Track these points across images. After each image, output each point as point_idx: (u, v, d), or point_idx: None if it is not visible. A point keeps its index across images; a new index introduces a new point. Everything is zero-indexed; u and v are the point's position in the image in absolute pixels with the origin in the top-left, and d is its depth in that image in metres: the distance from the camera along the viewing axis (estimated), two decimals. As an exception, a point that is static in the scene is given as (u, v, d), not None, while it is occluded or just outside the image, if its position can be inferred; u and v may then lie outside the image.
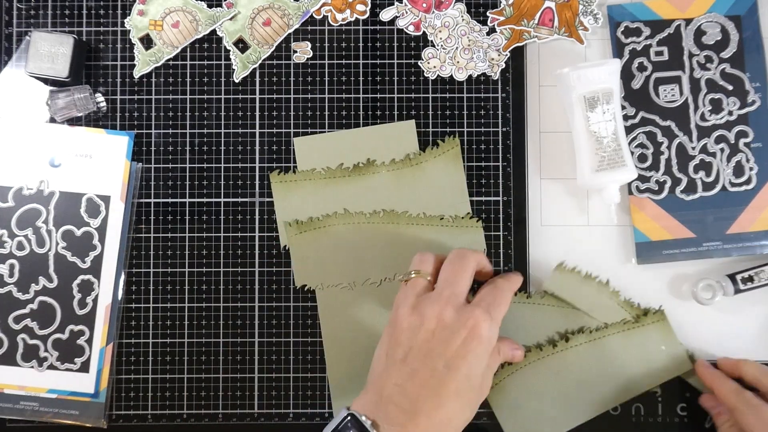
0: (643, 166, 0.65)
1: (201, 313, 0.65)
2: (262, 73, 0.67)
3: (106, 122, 0.66)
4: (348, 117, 0.66)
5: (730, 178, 0.64)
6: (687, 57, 0.65)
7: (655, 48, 0.65)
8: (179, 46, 0.66)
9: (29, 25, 0.66)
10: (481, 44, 0.66)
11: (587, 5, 0.66)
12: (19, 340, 0.64)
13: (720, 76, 0.65)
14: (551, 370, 0.63)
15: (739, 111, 0.64)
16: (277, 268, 0.66)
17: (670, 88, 0.64)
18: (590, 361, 0.63)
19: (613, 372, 0.63)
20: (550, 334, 0.64)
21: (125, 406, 0.65)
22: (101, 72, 0.66)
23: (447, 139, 0.66)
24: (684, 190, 0.64)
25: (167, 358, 0.65)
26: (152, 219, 0.66)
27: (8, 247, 0.64)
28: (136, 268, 0.65)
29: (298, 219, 0.65)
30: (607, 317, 0.64)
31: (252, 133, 0.66)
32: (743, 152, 0.64)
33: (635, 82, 0.65)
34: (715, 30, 0.64)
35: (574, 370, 0.63)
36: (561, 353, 0.63)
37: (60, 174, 0.64)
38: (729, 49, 0.65)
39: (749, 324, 0.65)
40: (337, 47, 0.67)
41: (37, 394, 0.64)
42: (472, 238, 0.65)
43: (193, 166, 0.66)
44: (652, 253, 0.65)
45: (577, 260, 0.65)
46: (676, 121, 0.65)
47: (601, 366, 0.63)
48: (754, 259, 0.65)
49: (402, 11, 0.66)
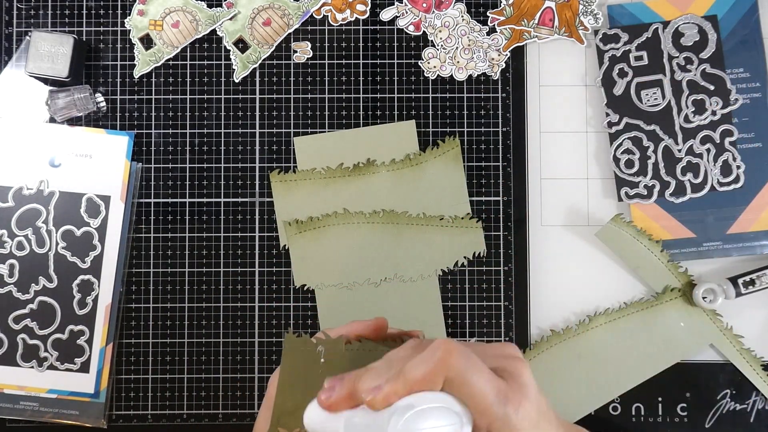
0: (631, 172, 0.65)
1: (201, 313, 0.65)
2: (262, 73, 0.66)
3: (106, 122, 0.66)
4: (348, 117, 0.66)
5: (718, 178, 0.64)
6: (667, 60, 0.65)
7: (635, 53, 0.65)
8: (179, 46, 0.66)
9: (29, 25, 0.66)
10: (481, 44, 0.66)
11: (587, 5, 0.66)
12: (19, 340, 0.64)
13: (701, 77, 0.65)
14: (573, 353, 0.64)
15: (722, 110, 0.64)
16: (277, 268, 0.66)
17: (653, 92, 0.64)
18: (611, 341, 0.64)
19: (635, 351, 0.64)
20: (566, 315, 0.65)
21: (125, 406, 0.65)
22: (101, 72, 0.66)
23: (447, 139, 0.66)
24: (673, 193, 0.64)
25: (167, 358, 0.65)
26: (152, 219, 0.66)
27: (8, 247, 0.64)
28: (136, 268, 0.65)
29: (297, 219, 0.65)
30: (652, 279, 0.64)
31: (252, 133, 0.66)
32: (729, 151, 0.64)
33: (617, 89, 0.65)
34: (693, 31, 0.64)
35: (595, 351, 0.64)
36: (582, 335, 0.64)
37: (60, 174, 0.64)
38: (708, 49, 0.65)
39: (751, 327, 0.65)
40: (337, 47, 0.67)
41: (37, 394, 0.64)
42: (471, 238, 0.65)
43: (193, 166, 0.66)
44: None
45: (577, 260, 0.65)
46: (660, 124, 0.65)
47: (623, 346, 0.64)
48: (755, 260, 0.65)
49: (402, 11, 0.66)
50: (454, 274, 0.65)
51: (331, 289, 0.65)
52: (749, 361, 0.64)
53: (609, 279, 0.65)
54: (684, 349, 0.64)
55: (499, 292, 0.65)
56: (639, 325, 0.64)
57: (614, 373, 0.64)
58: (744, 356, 0.64)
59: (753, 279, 0.63)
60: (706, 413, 0.64)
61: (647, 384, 0.64)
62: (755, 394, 0.64)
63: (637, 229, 0.64)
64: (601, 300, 0.65)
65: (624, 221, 0.64)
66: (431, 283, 0.65)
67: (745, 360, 0.64)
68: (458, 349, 0.35)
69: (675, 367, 0.64)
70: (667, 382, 0.64)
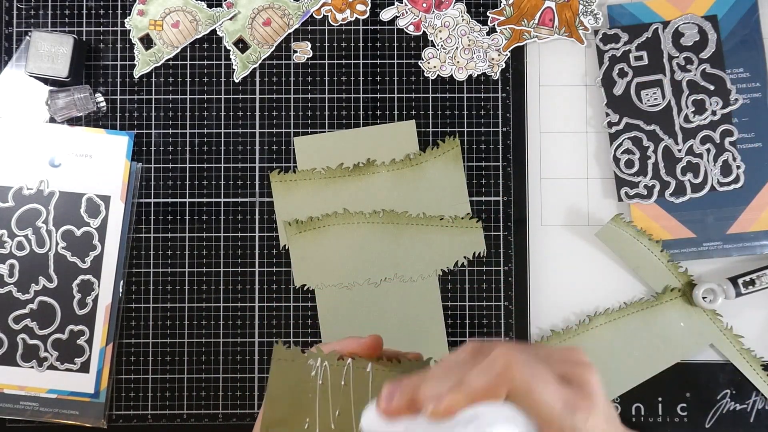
0: (631, 172, 0.65)
1: (201, 313, 0.65)
2: (262, 73, 0.66)
3: (106, 122, 0.66)
4: (348, 117, 0.66)
5: (718, 178, 0.64)
6: (667, 60, 0.65)
7: (635, 53, 0.65)
8: (179, 46, 0.66)
9: (29, 25, 0.66)
10: (481, 44, 0.66)
11: (587, 5, 0.66)
12: (19, 340, 0.64)
13: (701, 77, 0.65)
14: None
15: (722, 110, 0.64)
16: (277, 268, 0.66)
17: (653, 92, 0.64)
18: (611, 341, 0.64)
19: (635, 351, 0.64)
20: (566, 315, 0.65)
21: (125, 406, 0.65)
22: (101, 72, 0.66)
23: (447, 139, 0.66)
24: (673, 193, 0.64)
25: (167, 358, 0.65)
26: (152, 219, 0.66)
27: (8, 247, 0.64)
28: (136, 268, 0.65)
29: (297, 219, 0.65)
30: (652, 279, 0.64)
31: (252, 133, 0.66)
32: (729, 151, 0.64)
33: (617, 89, 0.65)
34: (693, 31, 0.64)
35: (595, 351, 0.64)
36: (582, 335, 0.64)
37: (60, 174, 0.64)
38: (708, 49, 0.65)
39: (751, 327, 0.65)
40: (337, 47, 0.67)
41: (37, 394, 0.64)
42: (471, 238, 0.65)
43: (193, 166, 0.66)
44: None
45: (577, 260, 0.65)
46: (661, 124, 0.65)
47: (623, 346, 0.64)
48: (755, 260, 0.65)
49: (402, 11, 0.66)
50: (454, 274, 0.65)
51: (331, 289, 0.65)
52: (749, 361, 0.64)
53: (609, 279, 0.65)
54: (684, 349, 0.64)
55: (499, 292, 0.65)
56: (639, 325, 0.64)
57: (614, 373, 0.64)
58: (744, 356, 0.64)
59: (753, 279, 0.63)
60: (706, 413, 0.64)
61: (647, 384, 0.64)
62: (755, 394, 0.64)
63: (637, 229, 0.64)
64: (601, 300, 0.65)
65: (624, 221, 0.64)
66: (431, 283, 0.65)
67: (745, 360, 0.64)
68: (520, 359, 0.33)
69: (675, 367, 0.64)
70: (667, 382, 0.64)
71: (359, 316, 0.64)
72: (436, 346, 0.64)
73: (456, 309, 0.65)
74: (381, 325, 0.64)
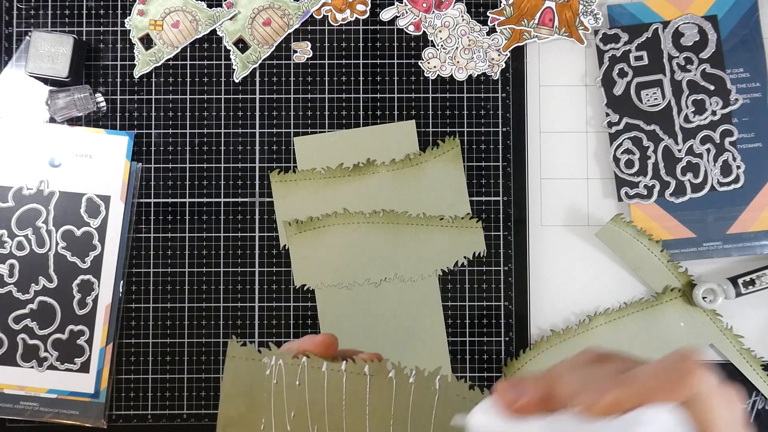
0: (631, 172, 0.65)
1: (201, 313, 0.65)
2: (262, 73, 0.66)
3: (106, 122, 0.66)
4: (348, 117, 0.66)
5: (718, 178, 0.64)
6: (667, 60, 0.65)
7: (635, 53, 0.65)
8: (179, 46, 0.66)
9: (29, 25, 0.66)
10: (481, 44, 0.66)
11: (587, 5, 0.66)
12: (19, 340, 0.64)
13: (701, 77, 0.65)
14: (573, 353, 0.63)
15: (722, 110, 0.64)
16: (277, 268, 0.66)
17: (653, 92, 0.64)
18: (611, 341, 0.64)
19: (635, 351, 0.64)
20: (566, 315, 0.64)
21: (125, 406, 0.65)
22: (101, 72, 0.66)
23: (447, 139, 0.66)
24: (673, 193, 0.64)
25: (167, 358, 0.65)
26: (152, 219, 0.66)
27: (8, 247, 0.64)
28: (136, 268, 0.65)
29: (297, 219, 0.65)
30: (652, 279, 0.64)
31: (252, 133, 0.66)
32: (729, 151, 0.64)
33: (617, 89, 0.65)
34: (693, 31, 0.64)
35: None
36: (582, 335, 0.64)
37: (60, 174, 0.64)
38: (708, 49, 0.65)
39: (751, 327, 0.65)
40: (337, 47, 0.67)
41: (37, 394, 0.64)
42: (471, 238, 0.65)
43: (193, 166, 0.66)
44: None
45: (577, 260, 0.65)
46: (660, 124, 0.65)
47: (623, 346, 0.64)
48: (755, 260, 0.65)
49: (402, 11, 0.66)
50: (454, 274, 0.65)
51: (331, 289, 0.65)
52: (749, 361, 0.64)
53: (609, 279, 0.66)
54: None
55: (499, 292, 0.65)
56: (639, 325, 0.64)
57: None
58: (744, 356, 0.64)
59: (753, 279, 0.63)
60: (706, 413, 0.64)
61: (647, 384, 0.64)
62: (755, 394, 0.64)
63: (637, 229, 0.64)
64: (601, 300, 0.65)
65: (624, 221, 0.64)
66: (431, 283, 0.65)
67: (745, 360, 0.64)
68: (701, 366, 0.30)
69: (675, 367, 0.64)
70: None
71: (359, 316, 0.64)
72: (436, 346, 0.64)
73: (456, 309, 0.65)
74: (381, 325, 0.64)
